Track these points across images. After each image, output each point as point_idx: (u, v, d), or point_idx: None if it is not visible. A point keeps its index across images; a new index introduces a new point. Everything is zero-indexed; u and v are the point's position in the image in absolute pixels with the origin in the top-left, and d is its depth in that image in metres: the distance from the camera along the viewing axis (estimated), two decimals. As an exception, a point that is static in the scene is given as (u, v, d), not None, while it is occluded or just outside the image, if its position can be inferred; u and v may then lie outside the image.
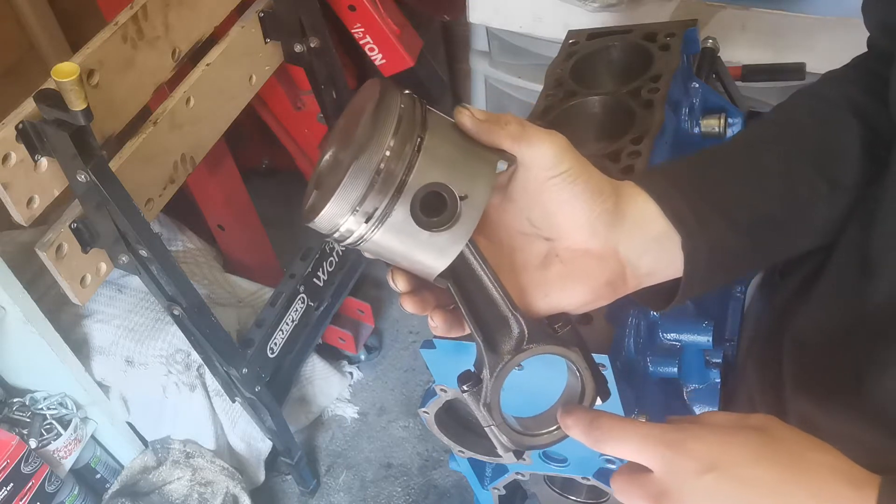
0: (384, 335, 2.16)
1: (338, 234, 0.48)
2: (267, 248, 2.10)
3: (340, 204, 0.46)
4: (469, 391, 0.53)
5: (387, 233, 0.48)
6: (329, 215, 0.47)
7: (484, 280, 0.52)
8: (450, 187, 0.48)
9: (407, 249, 0.49)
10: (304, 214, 0.49)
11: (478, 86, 2.10)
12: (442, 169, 0.48)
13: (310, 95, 1.79)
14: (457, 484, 1.83)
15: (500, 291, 0.52)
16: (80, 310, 1.67)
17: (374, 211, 0.47)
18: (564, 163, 0.51)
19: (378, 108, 0.46)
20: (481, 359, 0.53)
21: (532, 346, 0.52)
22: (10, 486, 1.44)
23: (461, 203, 0.48)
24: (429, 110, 0.49)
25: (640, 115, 0.90)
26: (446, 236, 0.48)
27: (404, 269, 0.51)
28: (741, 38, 1.47)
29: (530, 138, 0.50)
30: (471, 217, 0.48)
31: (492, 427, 0.54)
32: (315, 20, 1.58)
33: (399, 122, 0.47)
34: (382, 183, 0.46)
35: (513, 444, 0.55)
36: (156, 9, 1.32)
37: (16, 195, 1.14)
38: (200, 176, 1.79)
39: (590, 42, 1.04)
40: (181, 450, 1.75)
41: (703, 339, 0.89)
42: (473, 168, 0.49)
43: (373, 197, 0.46)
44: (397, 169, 0.46)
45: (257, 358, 1.57)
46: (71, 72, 1.01)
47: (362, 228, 0.47)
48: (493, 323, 0.53)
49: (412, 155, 0.47)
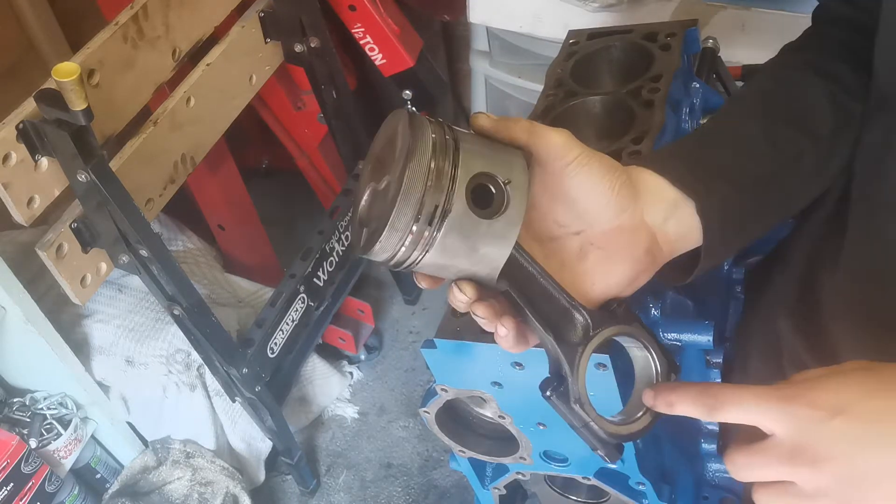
0: (384, 335, 2.16)
1: (403, 249, 0.49)
2: (267, 248, 2.10)
3: (403, 211, 0.48)
4: (555, 393, 0.53)
5: (449, 233, 0.49)
6: (394, 229, 0.48)
7: (538, 277, 0.54)
8: (495, 173, 0.50)
9: (470, 246, 0.50)
10: (361, 248, 0.51)
11: (478, 86, 2.10)
12: (481, 162, 0.50)
13: (310, 95, 1.79)
14: (457, 484, 1.83)
15: (556, 286, 0.54)
16: (80, 310, 1.67)
17: (434, 209, 0.48)
18: (574, 149, 0.53)
19: (411, 125, 0.49)
20: (556, 357, 0.54)
21: (600, 331, 0.54)
22: (10, 485, 1.44)
23: (507, 187, 0.50)
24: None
25: (640, 115, 0.90)
26: (502, 222, 0.50)
27: (466, 277, 0.52)
28: (741, 38, 1.47)
29: (540, 131, 0.53)
30: (519, 200, 0.50)
31: (589, 424, 0.54)
32: (315, 20, 1.58)
33: (434, 130, 0.49)
34: (436, 180, 0.48)
35: (613, 437, 0.54)
36: (156, 9, 1.32)
37: (16, 195, 1.14)
38: (200, 176, 1.79)
39: (590, 42, 1.04)
40: (181, 450, 1.75)
41: (703, 339, 0.89)
42: (505, 158, 0.51)
43: (430, 196, 0.48)
44: (445, 166, 0.49)
45: (257, 358, 1.57)
46: (71, 72, 1.01)
47: (426, 235, 0.48)
48: (557, 317, 0.54)
49: (454, 154, 0.49)
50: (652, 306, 0.90)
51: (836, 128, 0.67)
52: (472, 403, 0.90)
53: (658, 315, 0.90)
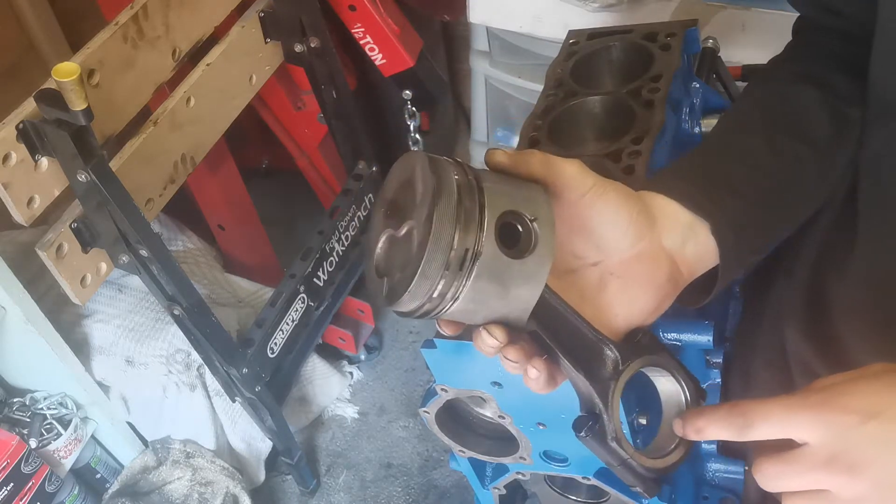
0: (384, 335, 2.16)
1: (433, 297, 0.47)
2: (267, 248, 2.10)
3: (434, 258, 0.46)
4: (590, 432, 0.52)
5: (480, 275, 0.47)
6: (424, 277, 0.46)
7: (564, 315, 0.52)
8: (521, 211, 0.49)
9: (501, 288, 0.48)
10: (386, 299, 0.49)
11: (478, 86, 2.10)
12: (506, 200, 0.49)
13: (310, 95, 1.79)
14: (457, 484, 1.83)
15: (582, 321, 0.53)
16: (80, 310, 1.67)
17: (465, 253, 0.46)
18: (589, 178, 0.52)
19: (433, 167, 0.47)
20: (588, 395, 0.52)
21: (629, 364, 0.53)
22: (10, 485, 1.44)
23: (534, 225, 0.49)
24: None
25: (640, 115, 0.90)
26: (533, 261, 0.48)
27: (495, 320, 0.50)
28: (741, 38, 1.47)
29: (555, 162, 0.52)
30: (548, 237, 0.49)
31: (627, 461, 0.52)
32: (315, 20, 1.58)
33: (457, 171, 0.48)
34: (465, 223, 0.46)
35: (651, 472, 0.53)
36: (156, 8, 1.32)
37: (16, 195, 1.14)
38: (200, 176, 1.79)
39: (590, 42, 1.04)
40: (181, 450, 1.75)
41: (703, 339, 0.89)
42: (528, 194, 0.50)
43: (460, 240, 0.46)
44: (473, 208, 0.47)
45: (257, 358, 1.57)
46: (71, 72, 1.01)
47: (457, 281, 0.47)
48: (586, 354, 0.53)
49: (479, 194, 0.48)
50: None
51: (833, 133, 0.67)
52: (471, 403, 0.90)
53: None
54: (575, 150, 0.93)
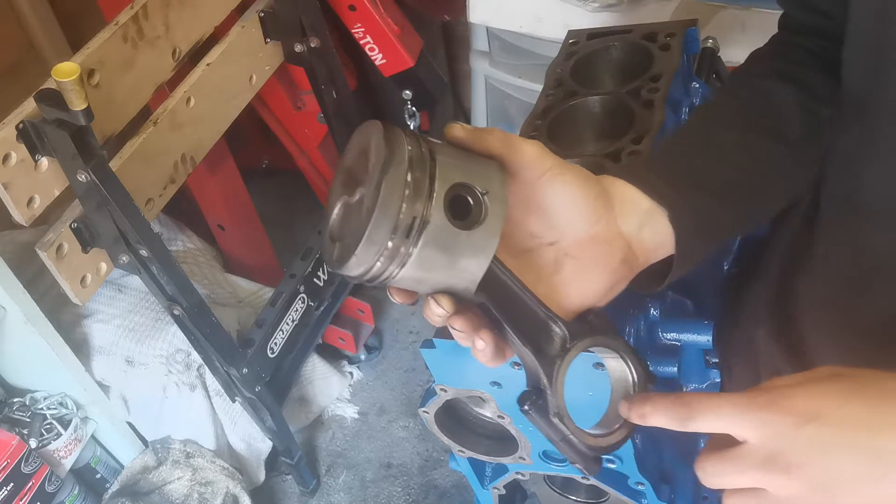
0: (384, 335, 2.16)
1: (380, 262, 0.48)
2: (267, 248, 2.11)
3: (380, 223, 0.47)
4: (533, 407, 0.53)
5: (427, 244, 0.48)
6: (370, 242, 0.47)
7: (515, 290, 0.53)
8: (472, 184, 0.49)
9: (448, 258, 0.49)
10: (335, 262, 0.49)
11: (478, 86, 2.10)
12: (458, 173, 0.49)
13: (310, 95, 1.79)
14: (457, 484, 1.83)
15: (532, 297, 0.53)
16: (80, 310, 1.67)
17: (413, 221, 0.47)
18: (548, 159, 0.53)
19: (386, 136, 0.48)
20: (534, 371, 0.53)
21: (577, 343, 0.53)
22: (10, 485, 1.44)
23: (485, 198, 0.49)
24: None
25: (640, 115, 0.90)
26: (481, 233, 0.49)
27: (443, 290, 0.51)
28: (741, 38, 1.47)
29: (514, 141, 0.52)
30: (498, 210, 0.50)
31: (568, 437, 0.53)
32: (315, 20, 1.58)
33: (410, 141, 0.48)
34: (413, 192, 0.47)
35: (592, 450, 0.53)
36: (156, 9, 1.32)
37: (16, 195, 1.14)
38: (200, 176, 1.79)
39: (590, 42, 1.04)
40: (181, 450, 1.75)
41: (702, 339, 0.90)
42: (481, 169, 0.51)
43: (408, 207, 0.47)
44: (423, 178, 0.48)
45: (257, 358, 1.57)
46: (71, 72, 1.01)
47: (403, 248, 0.48)
48: (535, 330, 0.53)
49: (431, 165, 0.48)
50: (652, 306, 0.90)
51: (806, 133, 0.67)
52: (471, 403, 0.90)
53: (658, 315, 0.90)
54: (575, 150, 0.93)
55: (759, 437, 0.47)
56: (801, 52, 0.71)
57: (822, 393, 0.47)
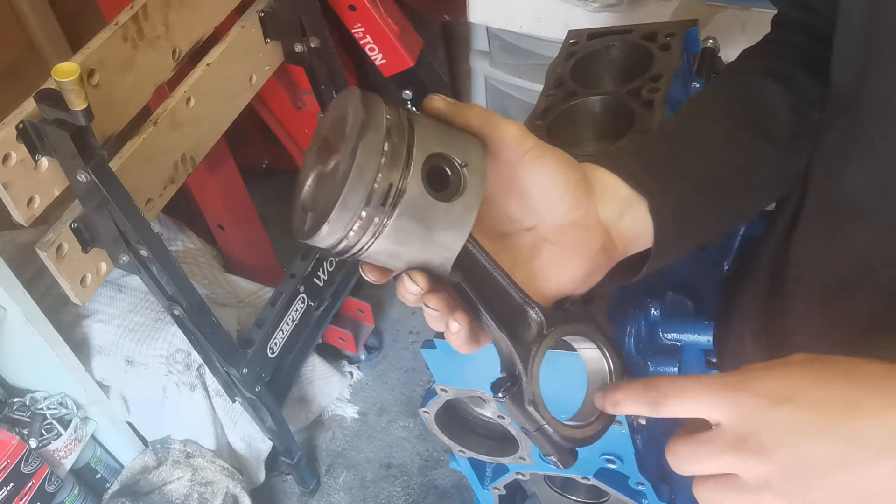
0: (384, 335, 2.16)
1: (353, 232, 0.46)
2: (267, 248, 2.11)
3: (355, 189, 0.45)
4: (508, 394, 0.51)
5: (402, 214, 0.46)
6: (344, 209, 0.45)
7: (491, 272, 0.52)
8: (451, 156, 0.48)
9: (424, 231, 0.47)
10: (306, 233, 0.47)
11: (478, 86, 2.10)
12: (438, 144, 0.48)
13: (310, 95, 1.79)
14: (457, 484, 1.83)
15: (510, 281, 0.52)
16: (80, 310, 1.67)
17: (388, 188, 0.45)
18: (528, 140, 0.52)
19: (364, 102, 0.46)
20: (509, 357, 0.52)
21: (553, 329, 0.52)
22: (10, 485, 1.44)
23: (464, 170, 0.48)
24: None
25: (640, 115, 0.90)
26: (459, 205, 0.48)
27: (418, 266, 0.50)
28: (741, 38, 1.47)
29: (494, 119, 0.51)
30: (477, 183, 0.48)
31: (543, 427, 0.51)
32: (315, 20, 1.58)
33: (389, 110, 0.47)
34: (390, 159, 0.45)
35: (568, 441, 0.52)
36: (156, 8, 1.32)
37: (16, 195, 1.14)
38: (200, 176, 1.79)
39: (590, 42, 1.04)
40: (181, 450, 1.75)
41: (703, 339, 0.89)
42: (462, 141, 0.49)
43: (384, 175, 0.45)
44: (401, 146, 0.46)
45: (257, 358, 1.57)
46: (71, 72, 1.01)
47: (377, 218, 0.46)
48: (511, 314, 0.52)
49: (409, 134, 0.47)
50: (652, 306, 0.90)
51: (793, 134, 0.67)
52: (471, 403, 0.90)
53: (658, 315, 0.90)
54: (575, 150, 0.93)
55: (730, 418, 0.46)
56: (793, 52, 0.71)
57: (795, 376, 0.46)
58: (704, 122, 0.67)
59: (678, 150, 0.63)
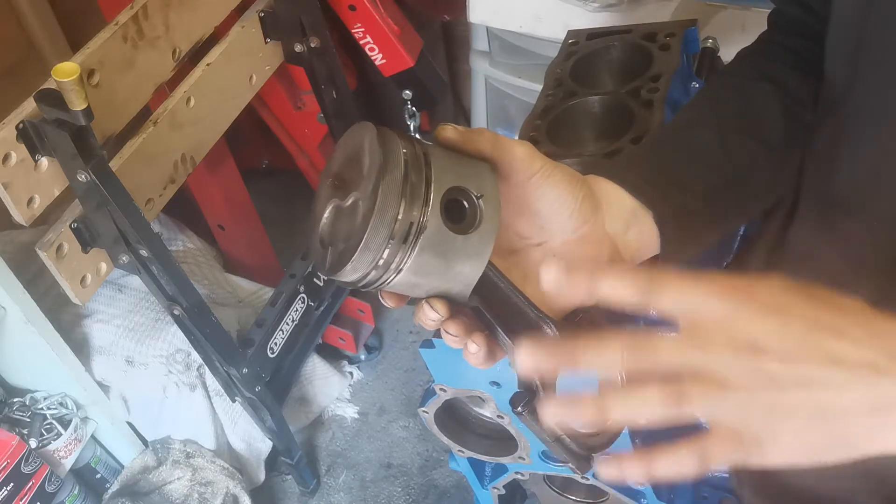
0: (384, 335, 2.16)
1: (375, 269, 0.47)
2: (267, 248, 2.11)
3: (377, 230, 0.46)
4: (527, 408, 0.52)
5: (423, 249, 0.48)
6: (367, 249, 0.46)
7: (506, 292, 0.53)
8: (468, 188, 0.49)
9: (444, 263, 0.49)
10: (329, 269, 0.49)
11: (478, 86, 2.10)
12: (453, 176, 0.49)
13: (310, 95, 1.79)
14: (457, 484, 1.83)
15: (524, 299, 0.53)
16: (80, 310, 1.67)
17: (409, 227, 0.47)
18: (537, 160, 0.53)
19: (381, 139, 0.47)
20: None
21: None
22: (10, 485, 1.44)
23: (480, 202, 0.49)
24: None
25: (639, 115, 0.90)
26: (476, 237, 0.49)
27: (438, 294, 0.51)
28: (741, 38, 1.46)
29: (504, 143, 0.52)
30: (492, 214, 0.50)
31: (561, 438, 0.52)
32: (315, 20, 1.58)
33: (404, 144, 0.48)
34: (411, 197, 0.47)
35: (584, 449, 0.53)
36: (156, 8, 1.32)
37: (16, 195, 1.14)
38: (200, 176, 1.79)
39: (590, 42, 1.04)
40: (181, 450, 1.75)
41: (702, 338, 0.89)
42: (475, 171, 0.51)
43: (405, 213, 0.46)
44: (419, 183, 0.47)
45: (257, 358, 1.57)
46: (71, 71, 1.01)
47: (400, 254, 0.47)
48: (526, 331, 0.53)
49: (426, 169, 0.48)
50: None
51: (788, 137, 0.67)
52: (470, 403, 0.90)
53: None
54: (574, 150, 0.93)
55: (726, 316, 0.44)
56: (788, 54, 0.71)
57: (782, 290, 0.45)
58: (699, 128, 0.68)
59: (676, 159, 0.64)
